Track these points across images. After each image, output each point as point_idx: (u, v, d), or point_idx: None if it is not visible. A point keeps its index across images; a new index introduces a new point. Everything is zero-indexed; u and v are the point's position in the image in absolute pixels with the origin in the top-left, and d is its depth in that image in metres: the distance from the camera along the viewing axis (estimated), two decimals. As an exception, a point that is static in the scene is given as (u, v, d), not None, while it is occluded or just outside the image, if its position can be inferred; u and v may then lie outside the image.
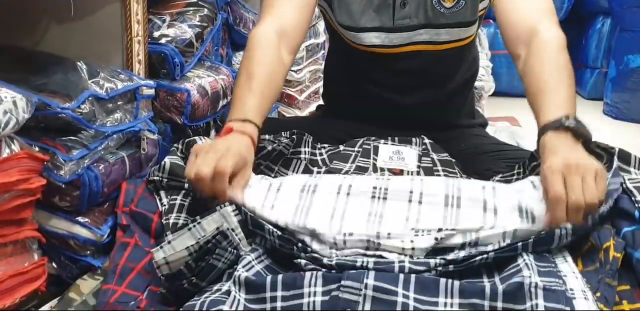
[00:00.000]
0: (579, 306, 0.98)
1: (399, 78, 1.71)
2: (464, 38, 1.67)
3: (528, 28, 1.50)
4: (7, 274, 1.19)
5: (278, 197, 1.25)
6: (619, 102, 4.63)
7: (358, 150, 1.57)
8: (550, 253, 1.14)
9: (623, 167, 1.25)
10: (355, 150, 1.57)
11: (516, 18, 1.54)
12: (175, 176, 1.37)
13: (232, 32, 2.39)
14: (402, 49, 1.66)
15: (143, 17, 1.69)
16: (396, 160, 1.54)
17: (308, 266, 1.10)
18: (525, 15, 1.53)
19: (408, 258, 1.11)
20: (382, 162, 1.54)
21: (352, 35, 1.67)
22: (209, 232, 1.17)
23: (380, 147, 1.57)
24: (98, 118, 1.41)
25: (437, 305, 1.00)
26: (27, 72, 1.39)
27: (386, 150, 1.57)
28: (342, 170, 1.51)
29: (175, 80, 1.89)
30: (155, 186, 1.39)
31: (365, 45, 1.66)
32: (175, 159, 1.39)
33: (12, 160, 1.16)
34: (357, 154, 1.56)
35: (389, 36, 1.64)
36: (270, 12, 1.58)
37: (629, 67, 4.60)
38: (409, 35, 1.63)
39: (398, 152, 1.56)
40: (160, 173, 1.37)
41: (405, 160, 1.54)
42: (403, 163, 1.54)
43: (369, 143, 1.57)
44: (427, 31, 1.63)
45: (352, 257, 1.11)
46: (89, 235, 1.42)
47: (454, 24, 1.62)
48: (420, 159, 1.54)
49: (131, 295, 1.18)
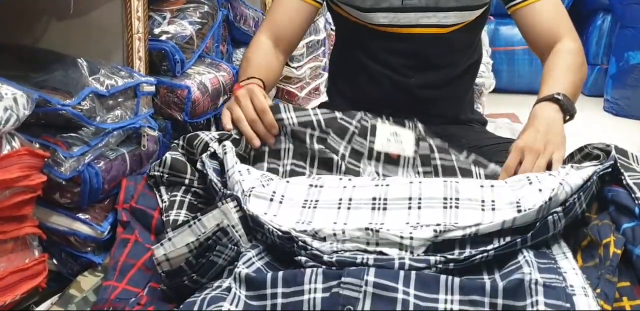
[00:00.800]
0: (579, 303, 0.98)
1: (405, 59, 1.75)
2: (471, 21, 1.71)
3: (552, 40, 1.66)
4: (8, 271, 1.19)
5: (280, 210, 1.26)
6: (619, 99, 4.63)
7: (356, 125, 1.52)
8: (550, 249, 1.14)
9: (623, 159, 1.25)
10: (353, 124, 1.51)
11: (539, 30, 1.69)
12: (176, 171, 1.37)
13: (232, 28, 2.39)
14: (409, 30, 1.70)
15: (143, 13, 1.68)
16: (394, 143, 1.53)
17: (308, 263, 1.10)
18: (547, 30, 1.68)
19: (408, 254, 1.12)
20: (379, 145, 1.52)
21: (361, 15, 1.71)
22: (209, 228, 1.17)
23: (378, 127, 1.54)
24: (98, 115, 1.41)
25: (437, 301, 1.00)
26: (28, 69, 1.39)
27: (384, 131, 1.55)
28: (338, 151, 1.47)
29: (176, 77, 1.89)
30: (156, 181, 1.39)
31: (373, 23, 1.70)
32: (176, 154, 1.40)
33: (13, 156, 1.16)
34: (355, 131, 1.51)
35: (397, 16, 1.68)
36: (266, 22, 1.81)
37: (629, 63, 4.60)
38: (417, 16, 1.67)
39: (396, 134, 1.54)
40: (161, 168, 1.38)
41: (403, 144, 1.53)
42: (401, 146, 1.52)
43: (366, 119, 1.54)
44: (435, 14, 1.67)
45: (352, 254, 1.11)
46: (89, 232, 1.41)
47: (463, 7, 1.67)
48: (418, 143, 1.52)
49: (132, 292, 1.19)
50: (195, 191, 1.37)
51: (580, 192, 1.16)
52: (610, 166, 1.22)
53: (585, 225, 1.18)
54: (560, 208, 1.13)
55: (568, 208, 1.14)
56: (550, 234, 1.14)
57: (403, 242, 1.13)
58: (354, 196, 1.27)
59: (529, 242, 1.12)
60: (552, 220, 1.13)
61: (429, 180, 1.34)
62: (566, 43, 1.64)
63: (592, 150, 1.32)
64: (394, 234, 1.13)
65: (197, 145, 1.42)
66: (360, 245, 1.14)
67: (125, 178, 1.45)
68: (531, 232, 1.11)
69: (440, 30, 1.69)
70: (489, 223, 1.13)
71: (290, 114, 1.46)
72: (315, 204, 1.27)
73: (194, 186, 1.37)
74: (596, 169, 1.21)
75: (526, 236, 1.11)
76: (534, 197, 1.18)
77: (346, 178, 1.36)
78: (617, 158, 1.23)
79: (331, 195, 1.29)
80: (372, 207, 1.24)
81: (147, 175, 1.41)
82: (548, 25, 1.67)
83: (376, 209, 1.24)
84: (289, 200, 1.28)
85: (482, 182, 1.28)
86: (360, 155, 1.49)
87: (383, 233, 1.13)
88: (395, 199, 1.25)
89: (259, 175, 1.34)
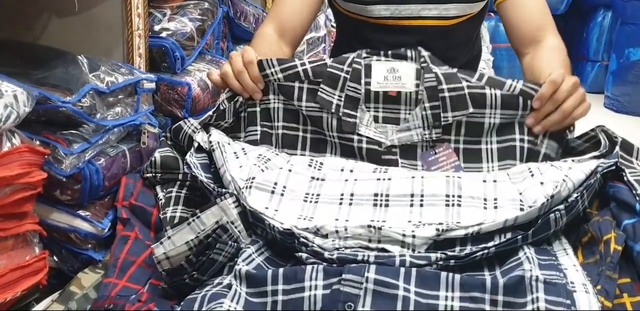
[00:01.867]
0: (579, 300, 0.98)
1: None
2: (472, 13, 1.71)
3: (534, 34, 1.65)
4: (9, 268, 1.20)
5: (281, 204, 1.25)
6: (619, 95, 4.64)
7: (347, 70, 1.43)
8: (551, 246, 1.14)
9: (625, 157, 1.25)
10: (344, 70, 1.43)
11: (523, 24, 1.67)
12: (168, 169, 1.36)
13: (232, 25, 2.39)
14: (411, 22, 1.70)
15: (144, 10, 1.69)
16: (392, 80, 1.45)
17: (309, 259, 1.10)
18: (532, 23, 1.67)
19: (409, 252, 1.11)
20: (376, 85, 1.45)
21: (361, 9, 1.71)
22: (208, 225, 1.17)
23: (374, 65, 1.45)
24: (99, 112, 1.41)
25: (437, 298, 1.00)
26: (28, 66, 1.39)
27: (380, 69, 1.45)
28: (332, 103, 1.41)
29: (176, 73, 1.89)
30: (150, 182, 1.39)
31: (374, 17, 1.70)
32: (165, 151, 1.39)
33: (13, 153, 1.16)
34: (346, 77, 1.42)
35: (398, 8, 1.68)
36: (270, 15, 1.77)
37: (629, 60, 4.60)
38: (418, 8, 1.67)
39: (393, 70, 1.45)
40: (153, 169, 1.37)
41: (402, 79, 1.44)
42: (400, 83, 1.44)
43: (359, 61, 1.44)
44: (437, 6, 1.67)
45: (353, 251, 1.11)
46: (90, 229, 1.42)
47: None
48: (421, 76, 1.43)
49: (132, 289, 1.19)
50: (190, 184, 1.36)
51: (584, 190, 1.16)
52: (614, 164, 1.22)
53: (586, 221, 1.18)
54: (562, 206, 1.13)
55: (571, 206, 1.14)
56: (552, 231, 1.14)
57: (405, 240, 1.13)
58: (356, 191, 1.27)
59: (530, 239, 1.12)
60: (554, 218, 1.12)
61: (431, 174, 1.32)
62: (552, 39, 1.64)
63: (600, 133, 1.31)
64: (396, 232, 1.13)
65: (182, 138, 1.41)
66: (362, 242, 1.14)
67: (124, 176, 1.45)
68: (532, 229, 1.11)
69: (442, 23, 1.70)
70: (491, 222, 1.13)
71: (275, 69, 1.43)
72: (317, 198, 1.27)
73: (188, 180, 1.36)
74: (599, 164, 1.21)
75: (527, 233, 1.11)
76: (536, 191, 1.17)
77: (348, 168, 1.35)
78: (620, 155, 1.23)
79: (333, 190, 1.28)
80: (374, 203, 1.24)
81: (142, 177, 1.41)
82: (533, 20, 1.67)
83: (378, 206, 1.23)
84: (290, 192, 1.27)
85: (485, 176, 1.28)
86: (356, 101, 1.43)
87: (385, 231, 1.13)
88: (397, 196, 1.24)
89: (256, 158, 1.33)
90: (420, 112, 1.39)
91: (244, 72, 1.42)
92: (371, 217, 1.20)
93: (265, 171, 1.30)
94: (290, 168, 1.33)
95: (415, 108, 1.41)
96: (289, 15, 1.74)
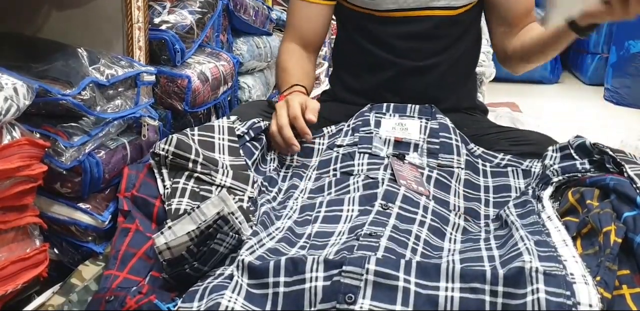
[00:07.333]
0: (579, 291, 0.98)
1: (409, 42, 1.76)
2: (476, 2, 1.75)
3: (525, 18, 1.76)
4: (9, 260, 1.20)
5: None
6: (619, 88, 4.63)
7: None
8: (550, 237, 1.14)
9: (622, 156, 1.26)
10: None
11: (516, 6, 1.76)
12: (181, 150, 1.36)
13: (232, 18, 2.39)
14: (417, 13, 1.72)
15: (143, 3, 1.68)
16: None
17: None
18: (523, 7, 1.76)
19: (432, 202, 1.24)
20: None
21: (368, 2, 1.72)
22: (209, 216, 1.17)
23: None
24: (99, 104, 1.41)
25: (438, 289, 1.00)
26: (28, 59, 1.39)
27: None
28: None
29: (176, 66, 1.89)
30: (159, 162, 1.38)
31: (381, 10, 1.72)
32: (183, 136, 1.40)
33: (14, 146, 1.16)
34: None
35: (407, 0, 1.70)
36: (289, 28, 1.88)
37: (629, 52, 4.60)
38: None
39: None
40: (166, 146, 1.36)
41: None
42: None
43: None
44: None
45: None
46: (90, 221, 1.42)
47: None
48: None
49: (133, 281, 1.19)
50: (197, 177, 1.36)
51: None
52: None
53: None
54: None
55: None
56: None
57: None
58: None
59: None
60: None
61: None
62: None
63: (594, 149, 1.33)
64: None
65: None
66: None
67: (126, 166, 1.45)
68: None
69: (449, 13, 1.71)
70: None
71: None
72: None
73: (196, 171, 1.36)
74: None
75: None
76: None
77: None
78: (616, 156, 1.25)
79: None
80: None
81: (152, 153, 1.40)
82: (522, 3, 1.76)
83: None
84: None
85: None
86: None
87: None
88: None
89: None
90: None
91: (285, 127, 1.54)
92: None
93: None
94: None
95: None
96: (305, 24, 1.84)
